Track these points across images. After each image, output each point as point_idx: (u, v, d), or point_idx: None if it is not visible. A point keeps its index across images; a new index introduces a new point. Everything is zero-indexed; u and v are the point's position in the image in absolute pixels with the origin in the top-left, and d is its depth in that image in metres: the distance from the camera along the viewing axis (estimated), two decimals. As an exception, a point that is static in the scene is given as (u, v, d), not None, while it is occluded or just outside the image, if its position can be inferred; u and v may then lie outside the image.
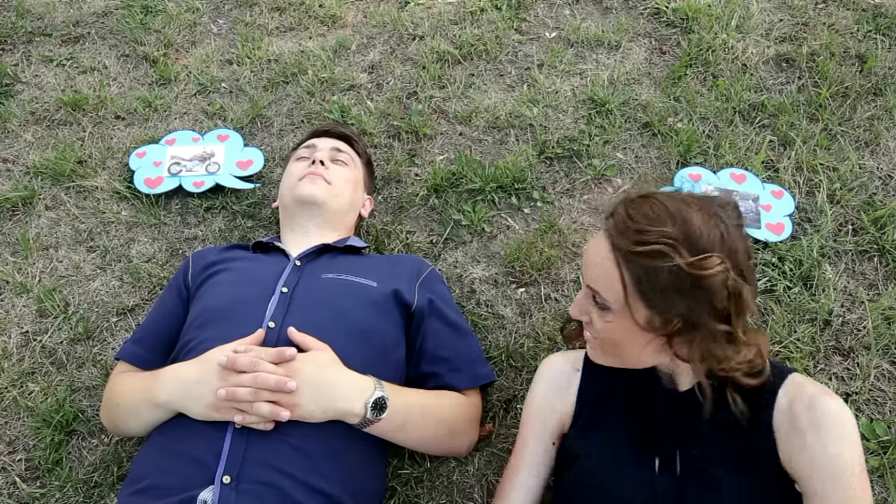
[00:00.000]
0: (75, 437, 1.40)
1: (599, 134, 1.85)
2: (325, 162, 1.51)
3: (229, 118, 1.98)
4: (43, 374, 1.49)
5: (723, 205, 0.94)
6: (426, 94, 1.98)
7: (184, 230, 1.74)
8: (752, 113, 1.89)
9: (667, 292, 0.89)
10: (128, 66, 2.15)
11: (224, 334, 1.17)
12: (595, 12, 2.20)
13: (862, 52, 2.00)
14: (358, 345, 1.20)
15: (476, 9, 2.20)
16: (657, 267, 0.88)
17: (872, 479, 1.27)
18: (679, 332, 0.93)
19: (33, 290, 1.61)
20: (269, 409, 1.05)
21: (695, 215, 0.91)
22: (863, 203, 1.68)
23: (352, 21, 2.24)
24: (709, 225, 0.90)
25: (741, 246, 0.92)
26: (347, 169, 1.56)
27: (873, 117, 1.85)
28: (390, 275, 1.36)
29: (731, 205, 0.95)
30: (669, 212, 0.91)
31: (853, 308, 1.51)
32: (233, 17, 2.28)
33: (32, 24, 2.28)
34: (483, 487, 1.31)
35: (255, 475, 1.03)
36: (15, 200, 1.78)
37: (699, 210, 0.92)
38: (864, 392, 1.38)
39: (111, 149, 1.91)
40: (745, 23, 2.10)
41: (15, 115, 2.00)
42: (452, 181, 1.77)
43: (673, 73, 1.98)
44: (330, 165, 1.51)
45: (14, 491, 1.33)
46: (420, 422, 1.19)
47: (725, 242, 0.90)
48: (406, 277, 1.37)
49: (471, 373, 1.31)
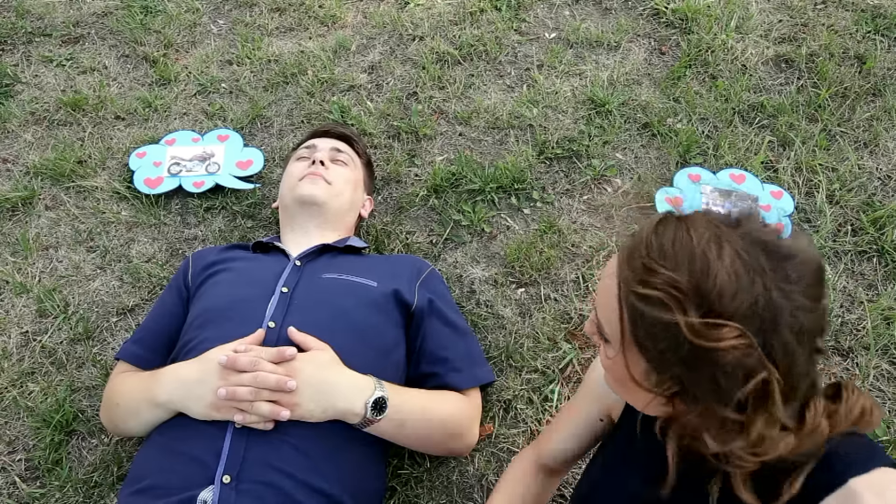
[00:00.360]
0: (75, 437, 1.40)
1: (599, 134, 1.86)
2: (325, 162, 1.51)
3: (229, 118, 1.98)
4: (43, 374, 1.49)
5: (783, 258, 0.68)
6: (426, 95, 1.98)
7: (184, 230, 1.74)
8: (752, 113, 1.89)
9: (664, 351, 0.70)
10: (128, 67, 2.15)
11: (224, 334, 1.17)
12: (595, 13, 2.20)
13: (861, 53, 2.00)
14: (358, 345, 1.20)
15: (476, 9, 2.20)
16: (655, 318, 0.69)
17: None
18: (678, 397, 0.73)
19: (33, 290, 1.61)
20: (270, 409, 1.05)
21: (725, 264, 0.67)
22: (862, 203, 1.68)
23: (352, 21, 2.25)
24: (740, 282, 0.67)
25: (789, 321, 0.67)
26: (347, 169, 1.56)
27: (872, 118, 1.85)
28: (390, 275, 1.36)
29: (797, 261, 0.68)
30: (692, 251, 0.69)
31: (852, 308, 1.51)
32: (233, 18, 2.28)
33: (32, 24, 2.28)
34: (483, 488, 1.31)
35: (255, 475, 1.03)
36: (15, 200, 1.78)
37: (737, 258, 0.68)
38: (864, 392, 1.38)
39: (111, 149, 1.91)
40: (744, 23, 2.10)
41: (15, 115, 2.00)
42: (452, 181, 1.77)
43: (672, 74, 1.98)
44: (330, 165, 1.52)
45: (14, 491, 1.33)
46: (420, 422, 1.19)
47: (759, 310, 0.66)
48: (406, 277, 1.37)
49: (471, 373, 1.31)
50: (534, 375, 1.44)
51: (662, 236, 0.72)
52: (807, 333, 0.68)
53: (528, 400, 1.41)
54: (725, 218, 0.73)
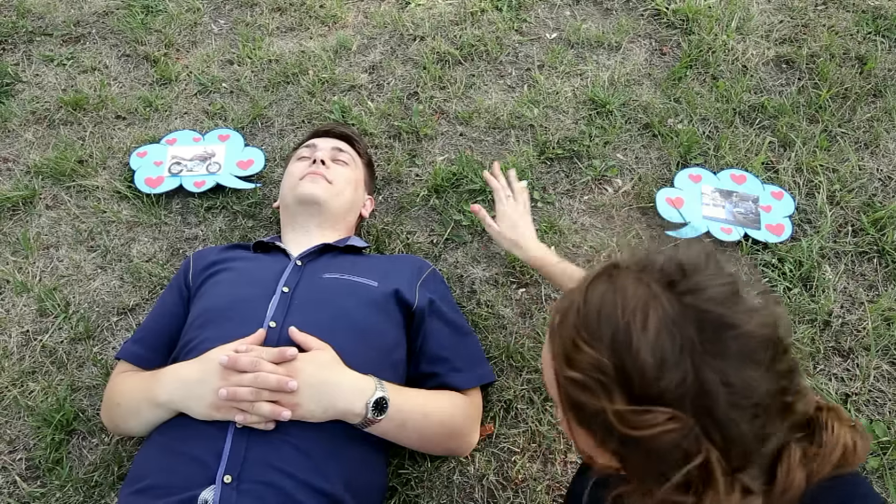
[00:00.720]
0: (76, 437, 1.40)
1: (600, 135, 1.86)
2: (325, 161, 1.51)
3: (230, 118, 1.98)
4: (43, 374, 1.49)
5: (720, 328, 0.61)
6: (427, 95, 1.98)
7: (184, 230, 1.74)
8: (753, 114, 1.89)
9: (598, 432, 0.66)
10: (128, 66, 2.15)
11: (225, 334, 1.17)
12: (595, 13, 2.20)
13: (862, 54, 2.01)
14: (359, 344, 1.20)
15: (477, 9, 2.20)
16: (584, 402, 0.65)
17: (872, 479, 1.28)
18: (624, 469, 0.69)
19: (34, 290, 1.61)
20: (270, 409, 1.05)
21: (649, 339, 0.61)
22: (862, 204, 1.68)
23: (352, 21, 2.25)
24: (665, 359, 0.60)
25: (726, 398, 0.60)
26: (348, 169, 1.56)
27: (873, 119, 1.85)
28: (391, 274, 1.36)
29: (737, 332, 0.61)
30: (616, 323, 0.63)
31: (853, 309, 1.51)
32: (233, 18, 2.28)
33: (33, 23, 2.28)
34: (483, 488, 1.31)
35: (256, 475, 1.03)
36: (15, 200, 1.78)
37: (663, 330, 0.61)
38: (864, 393, 1.39)
39: (112, 148, 1.91)
40: (745, 24, 2.10)
41: (16, 114, 2.00)
42: (453, 181, 1.77)
43: (673, 75, 1.99)
44: (331, 165, 1.52)
45: (14, 490, 1.33)
46: (421, 422, 1.19)
47: (688, 390, 0.60)
48: (407, 277, 1.37)
49: (471, 373, 1.31)
50: (534, 375, 1.44)
51: (590, 303, 0.66)
52: (757, 405, 0.61)
53: (528, 400, 1.41)
54: (664, 274, 0.65)
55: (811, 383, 1.39)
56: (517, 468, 1.32)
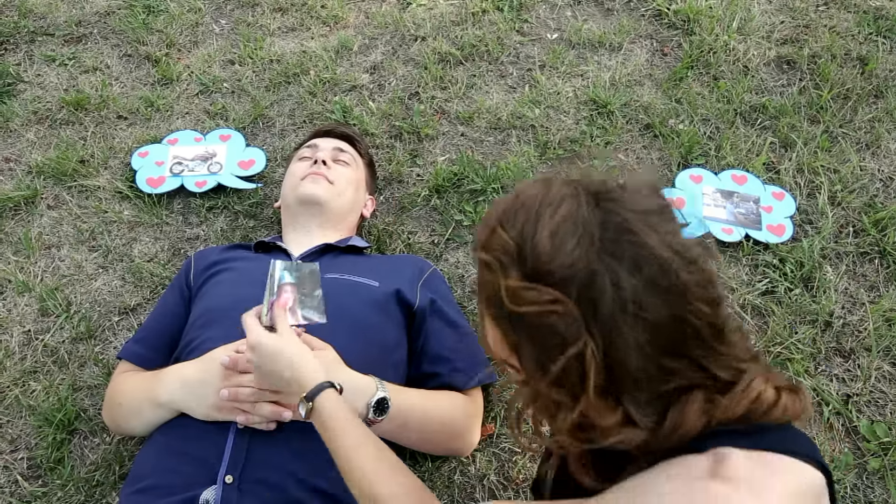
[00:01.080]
0: (77, 436, 1.40)
1: (601, 135, 1.86)
2: (327, 162, 1.51)
3: (231, 118, 1.98)
4: (45, 373, 1.49)
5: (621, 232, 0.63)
6: (428, 95, 1.98)
7: (186, 230, 1.74)
8: (754, 114, 1.89)
9: (497, 316, 0.68)
10: (130, 66, 2.15)
11: (226, 334, 1.17)
12: (597, 14, 2.20)
13: (863, 55, 2.00)
14: (360, 344, 1.20)
15: (478, 10, 2.20)
16: (487, 281, 0.68)
17: (873, 480, 1.28)
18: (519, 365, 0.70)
19: (35, 289, 1.62)
20: (272, 410, 1.06)
21: (552, 224, 0.64)
22: (864, 205, 1.68)
23: (354, 22, 2.25)
24: (561, 245, 0.63)
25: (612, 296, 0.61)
26: (349, 169, 1.56)
27: (874, 119, 1.85)
28: (392, 275, 1.36)
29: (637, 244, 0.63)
30: (531, 210, 0.66)
31: (854, 310, 1.51)
32: (235, 18, 2.28)
33: (35, 23, 2.28)
34: (484, 488, 1.31)
35: (257, 475, 1.04)
36: (17, 200, 1.78)
37: (568, 220, 0.64)
38: (865, 393, 1.39)
39: (113, 148, 1.91)
40: (746, 25, 2.10)
41: (17, 114, 2.00)
42: (454, 182, 1.77)
43: (674, 75, 1.99)
44: (332, 165, 1.52)
45: (16, 489, 1.34)
46: (422, 422, 1.19)
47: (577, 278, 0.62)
48: (408, 277, 1.37)
49: (472, 373, 1.31)
50: (535, 376, 1.44)
51: (518, 196, 0.69)
52: (646, 322, 0.62)
53: (529, 400, 1.41)
54: (599, 186, 0.68)
55: (812, 384, 1.39)
56: (518, 468, 1.32)
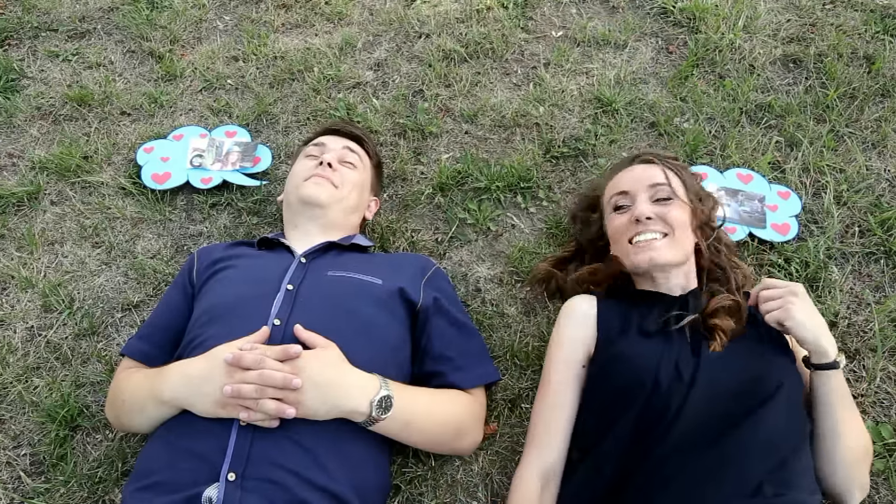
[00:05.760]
0: (80, 433, 1.40)
1: (605, 133, 1.85)
2: (332, 164, 1.49)
3: (235, 115, 1.98)
4: (48, 370, 1.49)
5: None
6: (432, 93, 1.98)
7: (189, 226, 1.74)
8: (759, 113, 1.88)
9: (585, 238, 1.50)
10: (133, 62, 2.15)
11: (229, 331, 1.16)
12: (602, 11, 2.19)
13: (870, 53, 1.99)
14: (363, 343, 1.19)
15: (482, 7, 2.19)
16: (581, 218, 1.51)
17: (878, 481, 1.27)
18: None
19: (38, 285, 1.61)
20: (275, 407, 1.05)
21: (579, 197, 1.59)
22: (870, 205, 1.67)
23: (358, 18, 2.24)
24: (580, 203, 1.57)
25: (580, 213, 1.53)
26: (355, 171, 1.54)
27: (881, 119, 1.84)
28: (396, 273, 1.35)
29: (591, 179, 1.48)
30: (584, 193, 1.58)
31: (859, 310, 1.50)
32: (239, 14, 2.28)
33: (38, 19, 2.28)
34: (487, 486, 1.31)
35: (260, 472, 1.03)
36: (20, 195, 1.78)
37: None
38: (870, 394, 1.38)
39: (116, 144, 1.91)
40: (752, 23, 2.09)
41: (21, 110, 2.00)
42: (458, 180, 1.77)
43: (680, 73, 1.98)
44: (338, 167, 1.49)
45: (19, 486, 1.34)
46: (425, 421, 1.19)
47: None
48: (411, 275, 1.37)
49: (476, 372, 1.31)
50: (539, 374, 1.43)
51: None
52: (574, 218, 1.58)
53: (533, 399, 1.40)
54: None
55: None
56: (521, 467, 1.32)
